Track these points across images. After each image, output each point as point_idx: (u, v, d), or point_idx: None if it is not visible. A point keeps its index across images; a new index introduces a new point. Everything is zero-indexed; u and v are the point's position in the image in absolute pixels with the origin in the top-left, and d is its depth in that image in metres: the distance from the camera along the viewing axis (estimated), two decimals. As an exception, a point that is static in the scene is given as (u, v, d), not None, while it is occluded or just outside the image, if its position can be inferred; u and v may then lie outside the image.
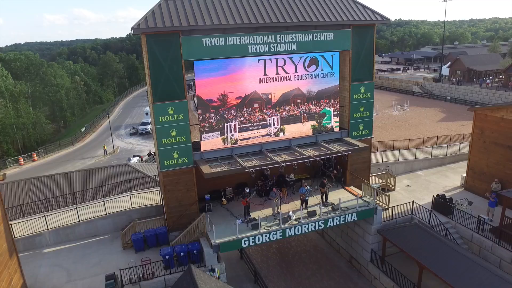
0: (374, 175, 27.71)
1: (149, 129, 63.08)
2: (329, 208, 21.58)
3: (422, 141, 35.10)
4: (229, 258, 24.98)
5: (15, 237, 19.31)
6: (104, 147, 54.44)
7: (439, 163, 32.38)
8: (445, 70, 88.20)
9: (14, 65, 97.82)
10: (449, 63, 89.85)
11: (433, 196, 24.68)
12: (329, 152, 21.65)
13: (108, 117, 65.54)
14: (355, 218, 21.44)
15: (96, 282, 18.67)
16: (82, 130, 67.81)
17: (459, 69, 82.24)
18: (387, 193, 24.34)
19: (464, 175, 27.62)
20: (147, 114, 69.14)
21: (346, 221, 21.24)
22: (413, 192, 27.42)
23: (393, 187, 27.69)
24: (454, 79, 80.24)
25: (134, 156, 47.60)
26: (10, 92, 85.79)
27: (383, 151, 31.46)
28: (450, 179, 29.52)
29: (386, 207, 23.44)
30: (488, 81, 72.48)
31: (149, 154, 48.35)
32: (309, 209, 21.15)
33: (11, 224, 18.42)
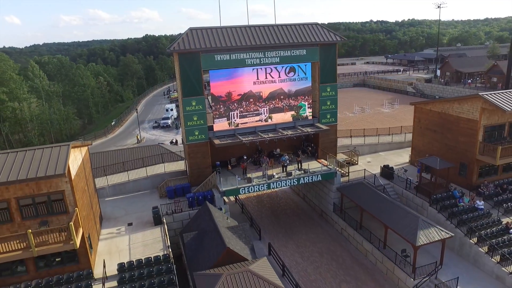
0: (342, 152, 37.02)
1: (169, 123, 73.37)
2: (302, 171, 31.03)
3: (388, 130, 44.15)
4: (232, 212, 34.44)
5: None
6: (137, 136, 64.95)
7: (399, 146, 41.41)
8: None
9: (48, 68, 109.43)
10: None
11: (380, 166, 33.97)
12: (301, 132, 31.19)
13: (137, 111, 76.17)
14: (320, 179, 30.83)
15: (144, 214, 28.54)
16: (112, 123, 78.53)
17: (448, 70, 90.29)
18: (350, 165, 33.75)
19: (410, 153, 36.74)
20: (167, 110, 79.53)
21: (313, 180, 30.66)
22: (371, 166, 36.57)
23: (356, 162, 36.89)
24: (442, 80, 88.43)
25: (158, 144, 57.58)
26: (45, 91, 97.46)
27: (351, 136, 40.82)
28: (403, 158, 38.59)
29: (346, 174, 32.80)
30: (469, 81, 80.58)
31: (171, 142, 58.37)
32: (288, 172, 30.65)
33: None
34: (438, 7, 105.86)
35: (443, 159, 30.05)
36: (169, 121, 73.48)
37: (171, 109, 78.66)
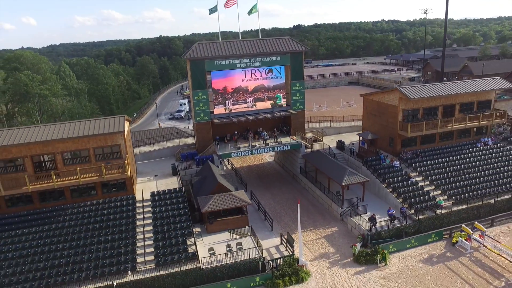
0: (310, 132, 49.47)
1: (182, 115, 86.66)
2: (277, 143, 43.59)
3: (352, 117, 56.32)
4: (228, 175, 47.16)
5: (129, 151, 42.39)
6: (159, 124, 78.52)
7: (359, 129, 53.39)
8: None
9: (76, 68, 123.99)
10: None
11: (336, 141, 46.37)
12: (276, 115, 43.87)
13: (156, 104, 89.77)
14: (289, 148, 43.41)
15: (165, 170, 41.43)
16: (134, 115, 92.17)
17: (429, 70, 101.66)
18: (317, 142, 46.20)
19: (362, 133, 48.95)
20: (180, 105, 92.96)
21: (284, 149, 43.24)
22: (332, 142, 48.84)
23: (321, 139, 49.23)
24: (422, 79, 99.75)
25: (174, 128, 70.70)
26: (74, 89, 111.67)
27: (320, 121, 53.23)
28: (359, 137, 50.74)
29: (311, 147, 45.23)
30: (445, 79, 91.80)
31: (184, 129, 71.54)
32: (266, 143, 43.27)
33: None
34: (425, 12, 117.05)
35: (381, 135, 42.36)
36: (182, 113, 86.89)
37: (184, 104, 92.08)
